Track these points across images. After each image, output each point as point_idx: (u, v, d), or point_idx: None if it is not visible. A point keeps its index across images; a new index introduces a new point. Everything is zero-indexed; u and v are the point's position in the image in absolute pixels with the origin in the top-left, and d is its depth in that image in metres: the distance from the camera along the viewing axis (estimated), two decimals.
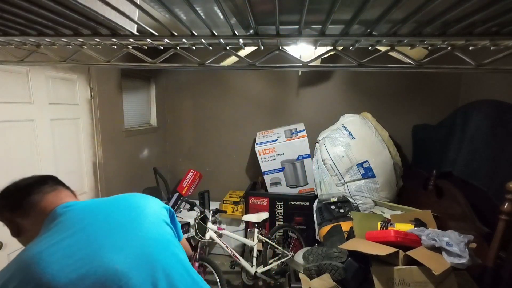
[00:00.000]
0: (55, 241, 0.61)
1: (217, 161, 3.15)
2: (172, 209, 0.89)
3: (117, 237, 0.67)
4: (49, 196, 0.73)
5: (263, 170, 2.56)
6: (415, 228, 1.46)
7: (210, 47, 0.71)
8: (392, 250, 1.28)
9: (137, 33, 0.65)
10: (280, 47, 0.68)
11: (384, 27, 0.56)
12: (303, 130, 2.53)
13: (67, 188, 0.80)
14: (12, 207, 0.71)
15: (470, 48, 0.65)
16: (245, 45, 0.72)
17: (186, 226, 2.41)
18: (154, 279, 0.66)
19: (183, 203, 2.68)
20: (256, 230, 2.29)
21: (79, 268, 0.58)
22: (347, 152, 2.23)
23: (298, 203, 2.51)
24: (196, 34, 0.62)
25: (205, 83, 3.04)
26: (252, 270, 2.14)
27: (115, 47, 0.76)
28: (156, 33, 0.64)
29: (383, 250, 1.28)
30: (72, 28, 0.64)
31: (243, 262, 2.14)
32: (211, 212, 2.23)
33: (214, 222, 2.19)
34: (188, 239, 2.33)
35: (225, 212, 2.56)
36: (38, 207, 0.71)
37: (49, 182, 0.76)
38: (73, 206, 0.71)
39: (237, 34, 0.61)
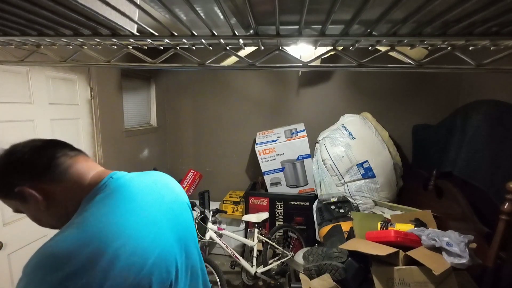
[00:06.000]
0: (133, 220, 0.55)
1: (217, 161, 3.15)
2: None
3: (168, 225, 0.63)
4: (78, 161, 0.62)
5: (263, 170, 2.56)
6: (415, 228, 1.46)
7: (210, 47, 0.71)
8: (392, 250, 1.28)
9: (137, 33, 0.65)
10: (280, 47, 0.68)
11: (384, 27, 0.56)
12: (303, 130, 2.53)
13: (86, 154, 0.69)
14: (36, 173, 0.57)
15: (470, 48, 0.65)
16: (245, 45, 0.72)
17: None
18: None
19: None
20: (256, 230, 2.29)
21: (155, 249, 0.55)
22: (347, 152, 2.23)
23: (298, 203, 2.51)
24: (196, 34, 0.62)
25: (205, 83, 3.04)
26: (252, 270, 2.14)
27: (115, 47, 0.76)
28: (156, 33, 0.64)
29: (383, 250, 1.28)
30: (72, 28, 0.64)
31: (243, 262, 2.14)
32: (211, 212, 2.23)
33: (214, 222, 2.19)
34: None
35: (225, 212, 2.56)
36: (70, 173, 0.59)
37: (68, 145, 0.65)
38: (124, 178, 0.65)
39: (237, 34, 0.61)
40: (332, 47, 0.68)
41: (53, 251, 0.46)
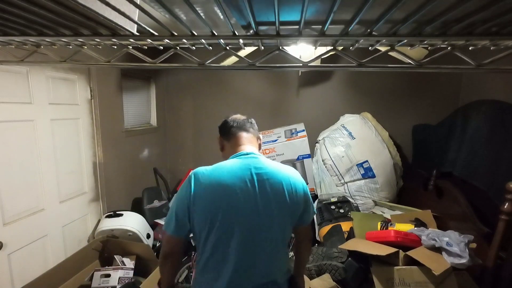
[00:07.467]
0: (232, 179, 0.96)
1: (217, 161, 3.12)
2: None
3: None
4: (242, 133, 1.07)
5: None
6: (415, 228, 1.46)
7: (210, 47, 0.71)
8: (392, 250, 1.28)
9: (137, 33, 0.65)
10: (280, 47, 0.68)
11: (384, 27, 0.57)
12: (303, 130, 2.53)
13: (255, 134, 1.13)
14: (223, 132, 1.11)
15: (470, 48, 0.65)
16: (245, 45, 0.72)
17: None
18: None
19: None
20: None
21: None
22: (347, 152, 2.23)
23: None
24: (196, 34, 0.62)
25: (205, 83, 3.04)
26: None
27: (115, 47, 0.76)
28: (156, 33, 0.64)
29: (383, 250, 1.28)
30: (72, 28, 0.64)
31: None
32: None
33: None
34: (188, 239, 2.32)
35: None
36: (235, 137, 1.07)
37: (248, 123, 1.12)
38: (244, 160, 1.00)
39: (237, 34, 0.61)
40: (332, 47, 0.68)
41: (196, 170, 0.99)
